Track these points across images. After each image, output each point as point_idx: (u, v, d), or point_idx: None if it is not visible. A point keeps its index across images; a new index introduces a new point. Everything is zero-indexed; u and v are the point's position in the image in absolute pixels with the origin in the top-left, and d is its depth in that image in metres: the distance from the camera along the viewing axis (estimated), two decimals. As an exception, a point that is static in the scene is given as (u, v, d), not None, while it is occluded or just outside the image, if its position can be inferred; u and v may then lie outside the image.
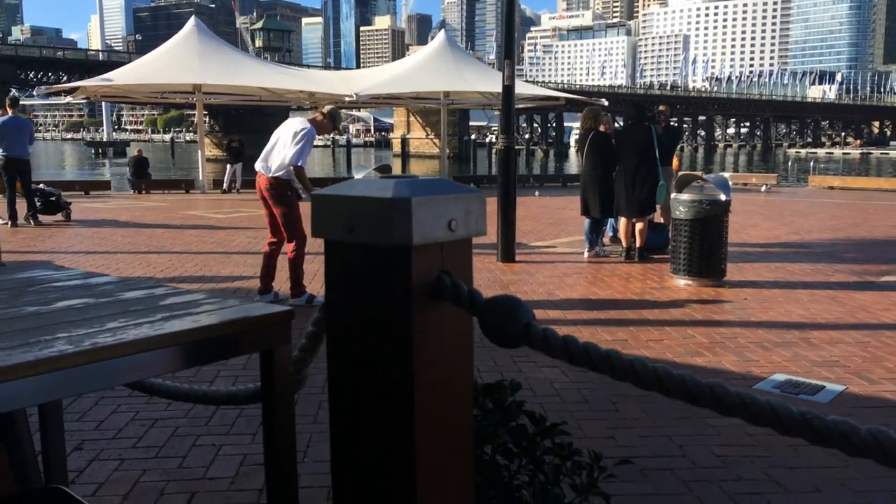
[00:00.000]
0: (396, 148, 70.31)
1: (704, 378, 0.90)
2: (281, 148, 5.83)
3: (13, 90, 55.26)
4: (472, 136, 75.55)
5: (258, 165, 5.95)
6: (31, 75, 62.94)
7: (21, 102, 12.61)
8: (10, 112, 11.49)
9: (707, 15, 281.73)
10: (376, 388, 1.11)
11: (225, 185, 19.23)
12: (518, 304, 1.03)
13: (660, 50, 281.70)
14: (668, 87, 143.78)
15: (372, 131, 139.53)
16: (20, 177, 11.43)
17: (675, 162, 8.69)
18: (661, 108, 9.30)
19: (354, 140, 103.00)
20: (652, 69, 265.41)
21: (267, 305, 1.26)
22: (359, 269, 1.11)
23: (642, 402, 3.84)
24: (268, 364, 1.25)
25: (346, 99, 20.88)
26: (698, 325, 5.49)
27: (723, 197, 6.83)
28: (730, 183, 7.38)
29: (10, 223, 11.29)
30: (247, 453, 3.26)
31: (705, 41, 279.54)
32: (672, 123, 9.92)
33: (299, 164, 5.72)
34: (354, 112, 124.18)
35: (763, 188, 20.03)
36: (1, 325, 1.15)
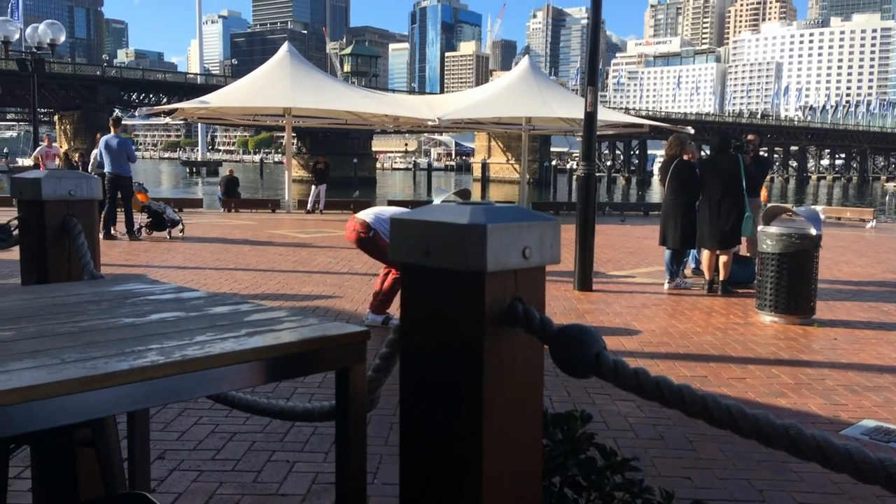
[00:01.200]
0: (477, 172, 70.67)
1: (785, 420, 0.88)
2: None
3: (116, 110, 58.46)
4: (553, 162, 75.24)
5: (373, 219, 5.98)
6: (133, 96, 66.43)
7: (123, 122, 13.34)
8: (113, 131, 12.17)
9: (801, 42, 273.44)
10: (447, 412, 1.13)
11: (309, 206, 19.74)
12: (589, 332, 1.04)
13: (750, 77, 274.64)
14: (759, 116, 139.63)
15: (453, 155, 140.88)
16: (121, 193, 12.04)
17: (763, 193, 8.44)
18: (749, 136, 9.07)
19: (435, 164, 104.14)
20: (741, 97, 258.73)
21: (344, 325, 1.30)
22: (433, 293, 1.13)
23: (721, 442, 3.72)
24: (343, 383, 1.28)
25: (429, 123, 21.18)
26: (783, 365, 5.29)
27: (813, 231, 6.58)
28: (822, 216, 7.10)
29: (103, 234, 11.90)
30: (319, 471, 3.32)
31: (799, 69, 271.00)
32: (761, 153, 9.63)
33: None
34: (436, 136, 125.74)
35: (869, 225, 18.83)
36: (99, 335, 1.23)
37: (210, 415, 3.96)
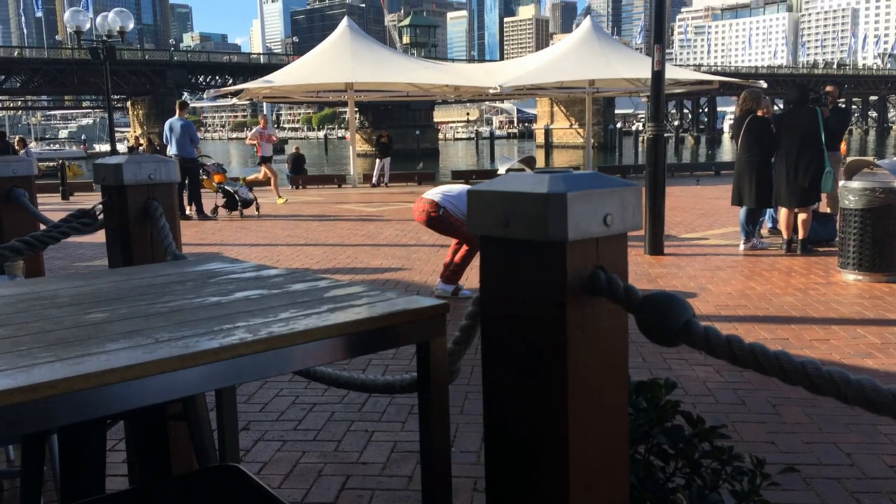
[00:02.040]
0: (539, 139, 69.90)
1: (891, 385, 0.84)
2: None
3: (185, 94, 59.94)
4: (618, 125, 73.67)
5: (441, 197, 5.99)
6: (200, 79, 67.91)
7: (191, 105, 13.72)
8: (178, 115, 12.50)
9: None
10: (531, 384, 1.12)
11: (374, 180, 19.90)
12: (678, 300, 1.01)
13: (825, 26, 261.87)
14: (835, 66, 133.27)
15: (515, 122, 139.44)
16: (187, 174, 12.37)
17: (842, 147, 8.05)
18: (828, 88, 8.65)
19: (497, 132, 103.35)
20: (816, 47, 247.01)
21: (424, 298, 1.30)
22: (513, 265, 1.12)
23: (805, 406, 3.61)
24: (424, 356, 1.29)
25: (491, 91, 21.00)
26: (869, 324, 5.08)
27: (899, 184, 6.27)
28: (907, 169, 6.75)
29: (195, 216, 12.32)
30: (397, 440, 3.38)
31: (877, 15, 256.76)
32: (840, 105, 9.19)
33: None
34: (498, 104, 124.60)
35: None
36: (188, 314, 1.27)
37: (290, 387, 4.07)
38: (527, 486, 1.15)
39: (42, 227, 3.08)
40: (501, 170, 16.57)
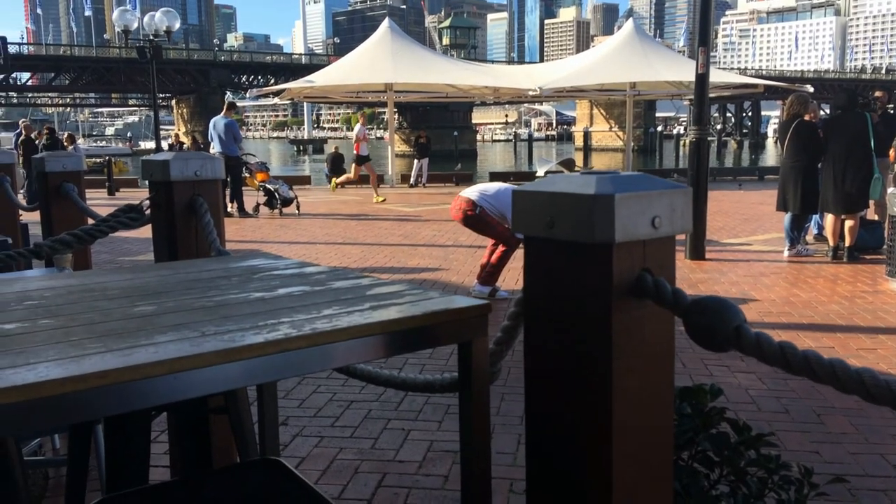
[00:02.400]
0: (578, 141, 69.29)
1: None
2: (509, 209, 5.86)
3: (229, 93, 60.84)
4: (659, 128, 72.77)
5: (478, 196, 5.98)
6: (243, 78, 68.86)
7: (235, 104, 13.98)
8: (223, 113, 12.70)
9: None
10: (575, 386, 1.11)
11: (412, 180, 19.95)
12: (728, 305, 0.99)
13: (874, 30, 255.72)
14: (884, 71, 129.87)
15: (554, 125, 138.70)
16: (230, 172, 12.53)
17: (892, 153, 7.84)
18: (877, 93, 8.45)
19: (536, 134, 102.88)
20: (864, 52, 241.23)
21: (466, 298, 1.30)
22: (558, 266, 1.11)
23: (851, 415, 3.53)
24: (466, 356, 1.28)
25: (530, 93, 20.92)
26: (919, 335, 4.94)
27: (952, 192, 6.09)
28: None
29: (236, 214, 12.53)
30: (433, 440, 3.38)
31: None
32: (889, 111, 8.96)
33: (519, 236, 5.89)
34: (537, 106, 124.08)
35: None
36: (234, 309, 1.28)
37: (327, 384, 4.10)
38: (569, 489, 1.13)
39: (90, 221, 3.15)
40: (540, 172, 16.49)
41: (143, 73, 45.19)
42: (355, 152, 16.00)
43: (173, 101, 66.19)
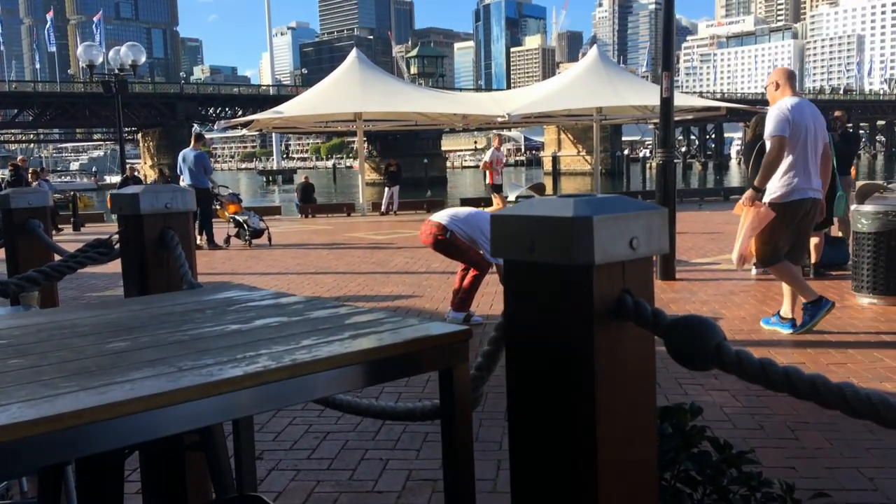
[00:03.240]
0: (547, 166, 70.05)
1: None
2: (480, 233, 5.89)
3: (196, 125, 60.51)
4: (625, 151, 73.83)
5: (448, 220, 5.98)
6: (210, 110, 68.60)
7: (203, 136, 13.88)
8: (193, 146, 12.62)
9: (884, 13, 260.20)
10: (558, 410, 1.10)
11: (383, 208, 19.97)
12: (708, 323, 0.99)
13: (830, 53, 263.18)
14: (841, 91, 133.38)
15: (522, 150, 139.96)
16: (199, 204, 12.41)
17: (853, 171, 8.06)
18: (836, 113, 8.68)
19: (505, 160, 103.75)
20: (822, 73, 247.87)
21: (447, 325, 1.29)
22: (539, 289, 1.11)
23: (825, 430, 3.56)
24: (447, 383, 1.27)
25: (499, 119, 21.12)
26: (887, 348, 5.03)
27: (912, 207, 6.24)
28: (920, 192, 6.73)
29: (205, 246, 12.35)
30: (412, 468, 3.34)
31: (882, 41, 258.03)
32: (849, 129, 9.19)
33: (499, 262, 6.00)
34: (505, 132, 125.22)
35: None
36: (210, 342, 1.26)
37: (303, 415, 4.04)
38: (555, 514, 1.12)
39: (57, 257, 3.10)
40: (511, 197, 16.60)
41: (108, 107, 44.81)
42: (489, 182, 13.95)
43: (139, 135, 65.69)
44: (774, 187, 5.30)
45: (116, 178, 26.90)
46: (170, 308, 1.59)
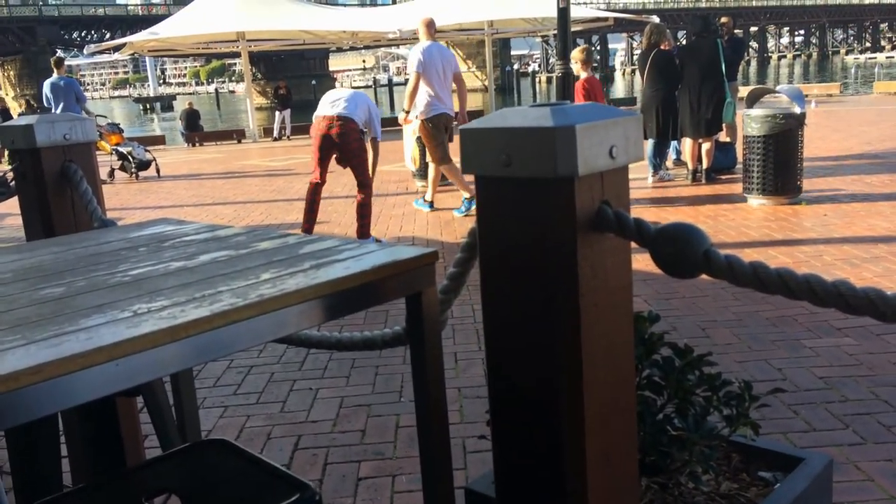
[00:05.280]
0: (439, 83, 69.18)
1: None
2: (365, 111, 5.86)
3: (59, 51, 56.03)
4: (515, 66, 73.88)
5: (340, 110, 5.82)
6: (74, 35, 63.56)
7: (67, 63, 12.71)
8: (56, 73, 11.52)
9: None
10: (541, 326, 1.08)
11: (275, 133, 19.29)
12: (695, 230, 0.98)
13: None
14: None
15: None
16: None
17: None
18: (723, 19, 8.89)
19: (396, 78, 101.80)
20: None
21: (414, 248, 1.24)
22: (516, 205, 1.07)
23: (733, 327, 3.78)
24: (416, 307, 1.23)
25: (390, 35, 20.56)
26: (779, 245, 5.35)
27: (797, 109, 6.56)
28: (803, 94, 7.06)
29: None
30: (343, 395, 3.32)
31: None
32: (735, 35, 9.47)
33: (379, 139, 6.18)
34: (394, 49, 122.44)
35: (814, 104, 16.24)
36: (158, 282, 1.15)
37: (223, 352, 3.92)
38: (539, 431, 1.11)
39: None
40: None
41: (-43, 33, 40.72)
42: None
43: (-3, 64, 60.33)
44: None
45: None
46: (95, 248, 1.45)
